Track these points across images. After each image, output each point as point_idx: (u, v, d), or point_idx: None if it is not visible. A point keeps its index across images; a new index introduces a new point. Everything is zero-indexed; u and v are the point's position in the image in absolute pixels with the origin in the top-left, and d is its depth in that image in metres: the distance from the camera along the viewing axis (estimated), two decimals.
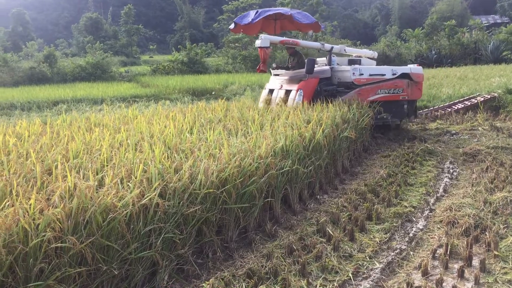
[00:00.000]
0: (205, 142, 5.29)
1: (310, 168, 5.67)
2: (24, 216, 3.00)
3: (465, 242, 4.34)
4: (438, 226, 5.00)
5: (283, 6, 37.75)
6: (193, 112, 7.70)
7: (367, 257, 4.24)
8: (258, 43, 8.95)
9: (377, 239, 4.63)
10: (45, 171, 4.08)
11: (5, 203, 3.23)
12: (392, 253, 4.32)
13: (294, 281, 3.74)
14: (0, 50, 35.94)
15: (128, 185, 3.75)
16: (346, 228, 4.74)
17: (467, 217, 4.96)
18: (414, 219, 5.26)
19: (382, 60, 33.95)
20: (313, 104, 8.00)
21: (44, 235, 2.95)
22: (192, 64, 31.99)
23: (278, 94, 9.31)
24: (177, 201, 3.81)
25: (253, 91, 17.83)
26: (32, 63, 30.48)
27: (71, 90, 19.80)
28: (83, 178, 3.80)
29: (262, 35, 8.92)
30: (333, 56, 9.70)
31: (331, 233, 4.62)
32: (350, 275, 3.89)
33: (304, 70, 8.98)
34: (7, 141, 5.28)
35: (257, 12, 9.38)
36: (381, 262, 4.14)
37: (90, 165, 4.24)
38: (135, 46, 55.49)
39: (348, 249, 4.37)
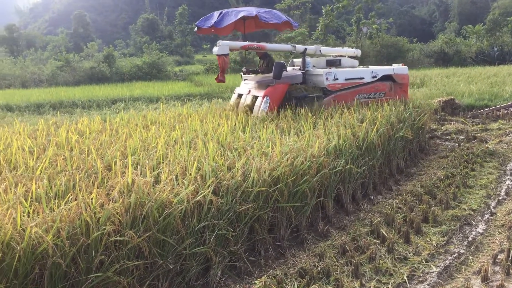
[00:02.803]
0: (258, 141, 5.32)
1: (364, 168, 5.57)
2: (86, 210, 3.15)
3: None
4: (500, 230, 4.78)
5: (338, 5, 37.21)
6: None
7: (423, 260, 4.12)
8: (215, 50, 7.94)
9: (433, 242, 4.48)
10: (105, 167, 4.25)
11: (69, 197, 3.39)
12: (450, 257, 4.17)
13: (347, 282, 3.69)
14: (63, 51, 37.70)
15: (183, 181, 3.84)
16: (401, 230, 4.62)
17: None
18: (473, 222, 5.06)
19: (441, 57, 32.90)
20: (281, 112, 7.36)
21: (104, 229, 3.08)
22: (245, 63, 32.25)
23: (246, 100, 8.47)
24: (230, 199, 3.86)
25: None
26: (92, 63, 31.79)
27: (128, 89, 20.48)
28: (141, 174, 3.92)
29: (220, 41, 7.93)
30: (308, 58, 8.82)
31: (386, 234, 4.53)
32: (405, 278, 3.80)
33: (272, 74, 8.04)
34: (70, 137, 5.54)
35: (220, 13, 8.54)
36: (438, 266, 4.01)
37: (147, 162, 4.37)
38: (189, 46, 56.59)
39: (403, 251, 4.27)
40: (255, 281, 3.74)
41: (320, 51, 9.34)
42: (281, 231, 4.43)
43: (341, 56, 9.75)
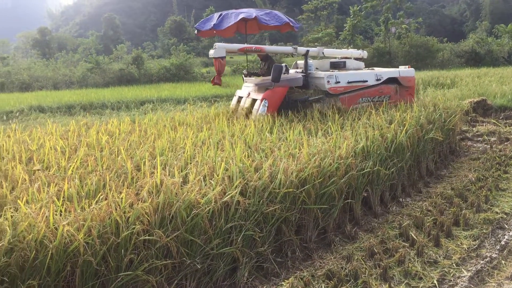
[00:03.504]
0: (285, 142, 5.32)
1: (392, 169, 5.49)
2: (116, 209, 3.20)
3: None
4: None
5: (367, 5, 36.81)
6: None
7: (454, 264, 4.03)
8: (211, 53, 7.76)
9: (464, 246, 4.39)
10: (134, 167, 4.31)
11: (99, 196, 3.46)
12: (482, 261, 4.07)
13: (375, 285, 3.65)
14: (93, 53, 38.47)
15: (210, 182, 3.86)
16: (431, 233, 4.54)
17: None
18: (506, 226, 4.92)
19: (472, 57, 32.18)
20: (282, 116, 7.19)
21: (133, 228, 3.13)
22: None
23: (245, 103, 8.31)
24: (257, 200, 3.86)
25: None
26: (122, 65, 32.33)
27: (156, 91, 20.73)
28: (169, 174, 3.97)
29: (217, 44, 7.76)
30: (310, 60, 8.63)
31: (415, 237, 4.45)
32: (435, 282, 3.73)
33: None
34: (100, 138, 5.65)
35: (220, 15, 8.41)
36: (469, 270, 3.93)
37: (175, 162, 4.42)
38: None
39: (433, 255, 4.19)
40: (282, 283, 3.73)
41: (323, 53, 9.14)
42: (308, 233, 4.41)
43: (346, 58, 9.54)
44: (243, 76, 9.38)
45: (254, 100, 7.98)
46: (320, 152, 4.75)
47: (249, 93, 8.38)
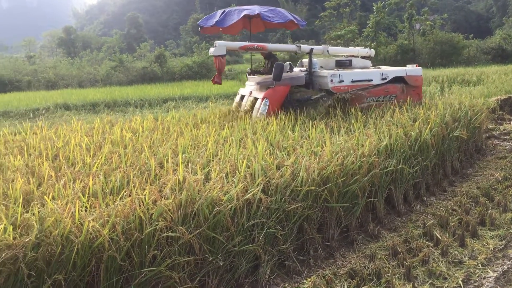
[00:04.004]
0: (307, 140, 5.30)
1: (416, 168, 5.42)
2: (139, 206, 3.24)
3: None
4: None
5: (390, 2, 36.36)
6: None
7: (479, 265, 3.96)
8: (211, 51, 7.59)
9: (490, 246, 4.30)
10: (157, 164, 4.35)
11: (123, 193, 3.51)
12: (508, 262, 3.99)
13: (399, 284, 3.61)
14: (117, 52, 38.95)
15: (232, 180, 3.87)
16: (456, 233, 4.46)
17: None
18: None
19: (499, 54, 31.53)
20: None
21: (157, 224, 3.16)
22: (293, 62, 32.14)
23: (247, 102, 8.19)
24: (279, 197, 3.86)
25: None
26: (145, 63, 32.66)
27: (179, 88, 20.88)
28: (191, 172, 4.00)
29: (217, 42, 7.61)
30: (314, 59, 8.43)
31: (439, 237, 4.38)
32: (460, 282, 3.66)
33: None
34: (124, 135, 5.72)
35: (223, 12, 8.26)
36: (495, 271, 3.85)
37: (197, 160, 4.44)
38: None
39: (458, 255, 4.12)
40: (304, 281, 3.72)
41: (327, 51, 8.93)
42: (331, 231, 4.38)
43: (352, 56, 9.36)
44: (247, 74, 9.28)
45: (255, 99, 7.90)
46: (342, 150, 4.72)
47: (251, 92, 8.31)
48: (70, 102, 16.31)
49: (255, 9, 8.35)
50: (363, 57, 9.54)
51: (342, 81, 7.91)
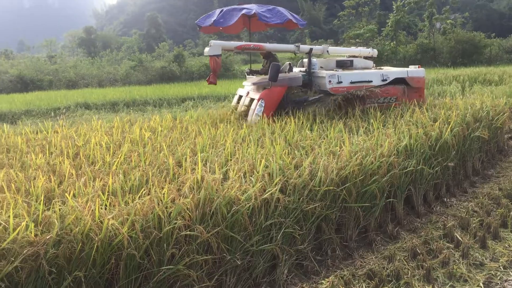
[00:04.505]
0: (326, 139, 5.27)
1: (436, 169, 5.34)
2: (158, 204, 3.26)
3: None
4: None
5: (410, 0, 35.91)
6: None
7: (501, 267, 3.88)
8: (206, 51, 7.45)
9: None
10: (176, 163, 4.38)
11: (142, 191, 3.54)
12: None
13: (418, 286, 3.56)
14: (136, 51, 39.30)
15: (250, 179, 3.87)
16: (477, 235, 4.39)
17: None
18: None
19: None
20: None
21: (175, 223, 3.18)
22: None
23: (244, 102, 7.99)
24: (297, 197, 3.85)
25: None
26: (163, 62, 32.89)
27: (197, 88, 20.96)
28: (210, 171, 4.01)
29: (212, 41, 7.47)
30: (314, 59, 8.27)
31: (460, 238, 4.32)
32: (481, 285, 3.60)
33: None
34: (143, 134, 5.77)
35: (221, 11, 8.09)
36: None
37: (215, 159, 4.46)
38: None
39: (479, 257, 4.05)
40: (322, 281, 3.70)
41: (327, 51, 8.71)
42: (349, 231, 4.35)
43: (354, 56, 9.14)
44: (246, 74, 9.13)
45: (252, 100, 7.72)
46: (361, 150, 4.69)
47: (248, 92, 8.14)
48: (90, 101, 16.49)
49: (253, 8, 8.14)
50: (366, 58, 9.36)
51: (341, 82, 7.71)
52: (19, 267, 2.72)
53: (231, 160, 4.51)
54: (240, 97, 8.49)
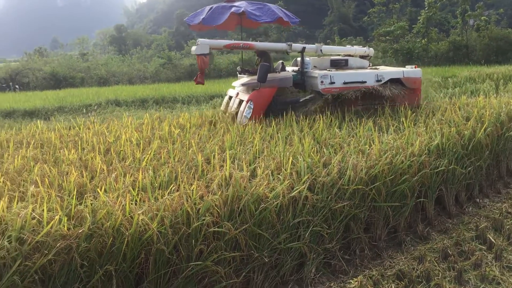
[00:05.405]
0: (355, 138, 5.22)
1: (469, 169, 5.22)
2: (187, 201, 3.29)
3: None
4: None
5: None
6: None
7: None
8: (193, 49, 7.25)
9: None
10: (204, 160, 4.40)
11: (171, 188, 3.57)
12: None
13: None
14: (165, 49, 39.69)
15: (278, 177, 3.86)
16: (511, 237, 4.27)
17: None
18: None
19: None
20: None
21: (204, 219, 3.20)
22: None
23: (233, 104, 7.75)
24: (325, 196, 3.82)
25: None
26: (192, 60, 33.03)
27: (225, 85, 21.02)
28: (238, 168, 4.02)
29: (200, 40, 7.22)
30: (307, 58, 8.00)
31: (493, 240, 4.21)
32: None
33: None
34: (172, 131, 5.83)
35: (210, 8, 7.80)
36: None
37: (243, 156, 4.46)
38: (284, 42, 56.80)
39: None
40: (350, 280, 3.67)
41: (321, 50, 8.34)
42: (378, 231, 4.30)
43: (349, 55, 8.82)
44: (238, 73, 8.93)
45: (241, 101, 7.50)
46: (391, 149, 4.62)
47: (237, 93, 7.94)
48: (121, 98, 16.74)
49: (242, 6, 7.85)
50: (362, 57, 9.04)
51: (333, 82, 7.43)
52: (52, 259, 2.79)
53: (259, 157, 4.51)
54: (231, 98, 8.28)
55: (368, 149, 4.63)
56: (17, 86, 25.13)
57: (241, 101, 7.52)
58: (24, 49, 41.72)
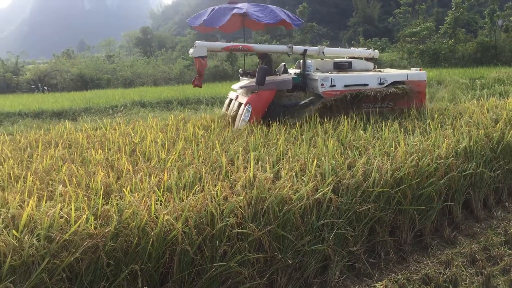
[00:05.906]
0: (380, 140, 5.16)
1: (498, 172, 5.10)
2: (211, 202, 3.31)
3: None
4: None
5: None
6: None
7: None
8: (191, 52, 7.16)
9: None
10: (228, 161, 4.42)
11: (196, 188, 3.60)
12: None
13: None
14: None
15: (302, 178, 3.85)
16: None
17: None
18: None
19: None
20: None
21: (228, 220, 3.22)
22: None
23: (233, 107, 7.63)
24: (350, 198, 3.79)
25: (431, 87, 16.74)
26: (216, 61, 33.30)
27: None
28: (261, 170, 4.02)
29: (197, 42, 7.20)
30: (309, 60, 7.93)
31: None
32: None
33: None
34: (197, 132, 5.87)
35: (212, 10, 7.73)
36: None
37: (267, 158, 4.47)
38: (309, 43, 56.62)
39: None
40: (375, 284, 3.63)
41: (323, 52, 8.27)
42: (403, 235, 4.24)
43: (353, 58, 8.66)
44: (240, 75, 8.86)
45: (241, 104, 7.38)
46: (417, 151, 4.55)
47: (237, 96, 7.83)
48: (146, 100, 16.92)
49: (244, 7, 7.76)
50: (367, 59, 8.84)
51: (334, 85, 7.29)
52: (79, 258, 2.83)
53: (283, 159, 4.50)
54: (231, 101, 8.17)
55: (394, 152, 4.58)
56: (45, 88, 25.68)
57: (240, 104, 7.46)
58: (53, 51, 42.57)
